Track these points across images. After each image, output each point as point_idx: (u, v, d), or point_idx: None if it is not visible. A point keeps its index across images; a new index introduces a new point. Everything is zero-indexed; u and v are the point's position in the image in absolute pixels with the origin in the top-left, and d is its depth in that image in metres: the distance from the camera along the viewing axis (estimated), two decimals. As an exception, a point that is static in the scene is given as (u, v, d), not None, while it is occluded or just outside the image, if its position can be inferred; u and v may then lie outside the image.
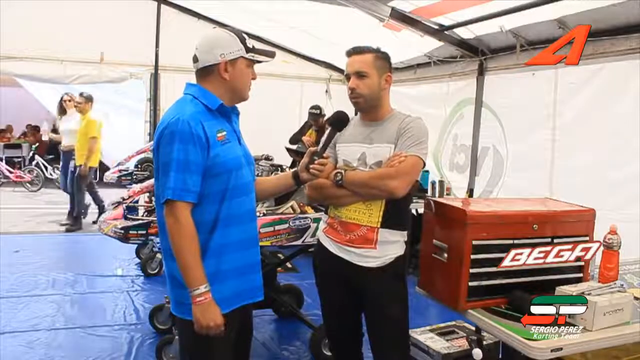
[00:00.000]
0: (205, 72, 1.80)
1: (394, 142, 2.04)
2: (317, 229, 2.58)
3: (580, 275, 2.01)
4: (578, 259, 1.90)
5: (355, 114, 2.25)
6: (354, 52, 2.10)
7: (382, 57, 2.11)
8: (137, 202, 3.88)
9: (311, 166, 1.96)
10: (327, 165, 2.03)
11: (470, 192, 5.05)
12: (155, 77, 6.68)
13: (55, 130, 13.34)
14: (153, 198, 4.11)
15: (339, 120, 2.08)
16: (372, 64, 2.06)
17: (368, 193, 2.01)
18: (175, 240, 1.68)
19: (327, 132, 2.09)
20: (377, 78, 2.07)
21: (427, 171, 4.94)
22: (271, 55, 1.89)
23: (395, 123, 2.08)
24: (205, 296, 1.67)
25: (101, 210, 6.44)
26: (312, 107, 5.93)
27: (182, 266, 1.68)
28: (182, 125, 1.68)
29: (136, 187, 4.43)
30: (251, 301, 1.88)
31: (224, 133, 1.78)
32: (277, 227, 3.16)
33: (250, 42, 1.82)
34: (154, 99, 6.73)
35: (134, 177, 5.30)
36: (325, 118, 5.83)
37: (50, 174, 10.75)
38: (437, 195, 4.82)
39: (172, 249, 1.70)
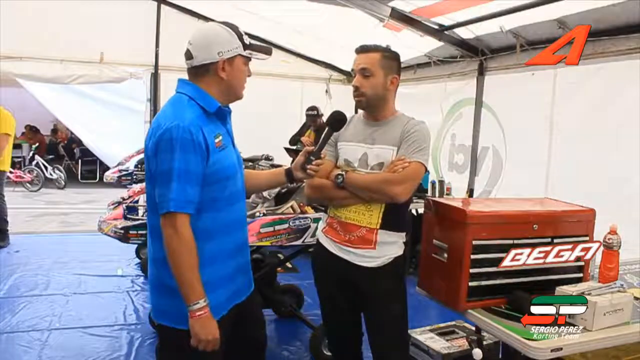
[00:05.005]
0: (201, 70, 1.72)
1: (397, 144, 2.03)
2: (317, 229, 2.57)
3: (580, 275, 2.01)
4: (578, 259, 1.90)
5: (356, 111, 2.25)
6: (361, 50, 2.09)
7: (390, 58, 2.10)
8: (137, 202, 3.87)
9: (308, 166, 1.94)
10: (323, 165, 2.01)
11: (471, 192, 5.05)
12: (155, 77, 6.66)
13: (55, 131, 13.39)
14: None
15: (336, 121, 2.06)
16: (378, 63, 2.05)
17: (369, 196, 2.01)
18: (174, 252, 1.60)
19: (324, 132, 2.09)
20: (383, 78, 2.06)
21: (427, 171, 4.94)
22: (267, 52, 1.83)
23: (398, 125, 2.07)
24: (204, 310, 1.61)
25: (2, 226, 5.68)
26: (309, 109, 5.93)
27: (181, 280, 1.61)
28: (183, 132, 1.60)
29: (136, 187, 4.43)
30: (239, 300, 1.83)
31: (221, 138, 1.72)
32: (277, 227, 3.16)
33: (247, 39, 1.76)
34: (154, 99, 6.71)
35: (134, 177, 5.28)
36: (324, 118, 5.84)
37: (50, 174, 10.77)
38: (437, 195, 4.81)
39: (168, 259, 1.62)
